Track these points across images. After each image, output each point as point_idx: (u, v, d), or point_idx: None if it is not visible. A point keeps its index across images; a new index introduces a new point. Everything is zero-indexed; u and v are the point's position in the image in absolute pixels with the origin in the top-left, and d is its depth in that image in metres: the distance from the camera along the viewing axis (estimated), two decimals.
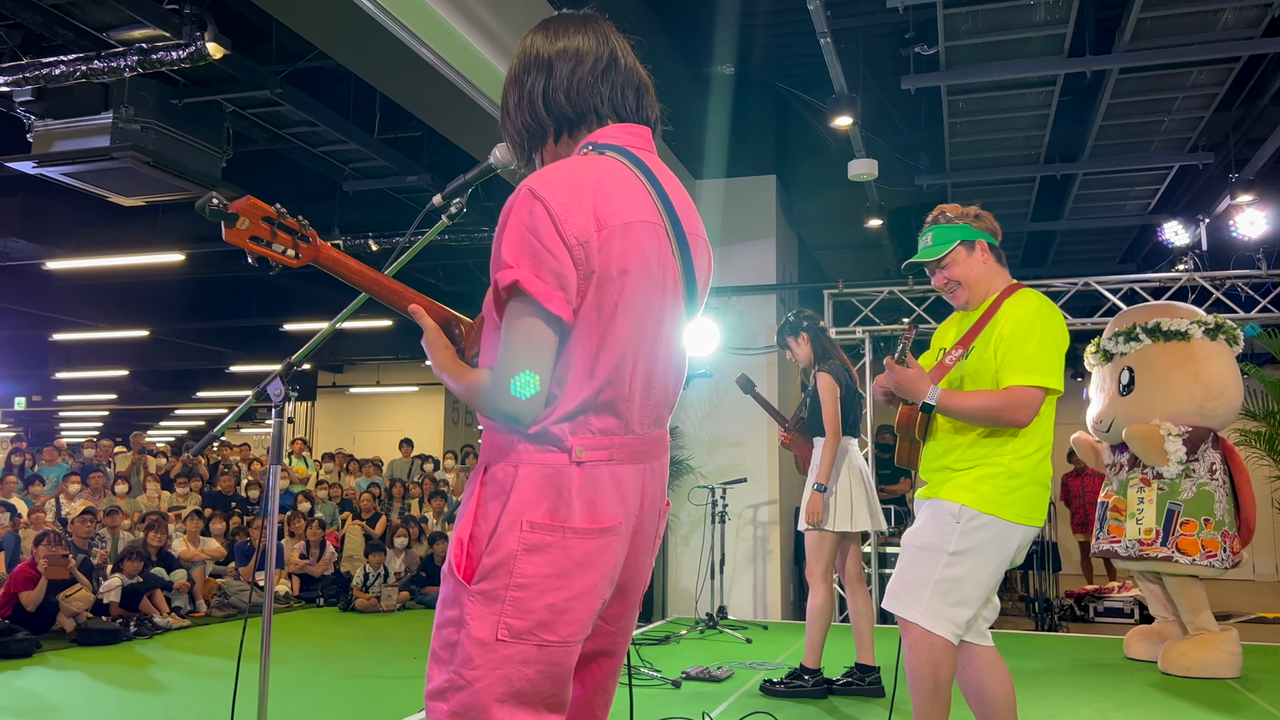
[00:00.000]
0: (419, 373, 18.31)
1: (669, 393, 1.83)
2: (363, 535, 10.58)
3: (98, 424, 28.74)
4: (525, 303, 1.60)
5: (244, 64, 6.24)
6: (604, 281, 1.63)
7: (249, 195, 1.77)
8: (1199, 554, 5.62)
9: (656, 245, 1.73)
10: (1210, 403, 5.87)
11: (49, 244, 9.54)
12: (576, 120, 1.81)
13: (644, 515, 1.77)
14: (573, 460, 1.64)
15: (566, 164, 1.70)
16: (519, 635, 1.59)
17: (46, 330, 15.32)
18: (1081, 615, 9.82)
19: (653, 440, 1.78)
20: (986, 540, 2.87)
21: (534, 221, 1.60)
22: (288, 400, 2.66)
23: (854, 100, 5.92)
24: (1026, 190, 8.39)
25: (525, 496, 1.62)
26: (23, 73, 5.35)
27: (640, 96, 1.86)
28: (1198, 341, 5.98)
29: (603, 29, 1.85)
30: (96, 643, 7.17)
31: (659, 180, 1.80)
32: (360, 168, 8.03)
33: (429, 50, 4.98)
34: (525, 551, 1.60)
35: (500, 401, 1.61)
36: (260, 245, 1.76)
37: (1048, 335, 2.91)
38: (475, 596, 1.61)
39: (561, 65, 1.79)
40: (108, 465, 12.59)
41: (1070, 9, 5.44)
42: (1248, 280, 7.92)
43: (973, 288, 3.12)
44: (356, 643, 7.30)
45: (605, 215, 1.64)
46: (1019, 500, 2.89)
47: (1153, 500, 5.81)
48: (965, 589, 2.87)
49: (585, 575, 1.64)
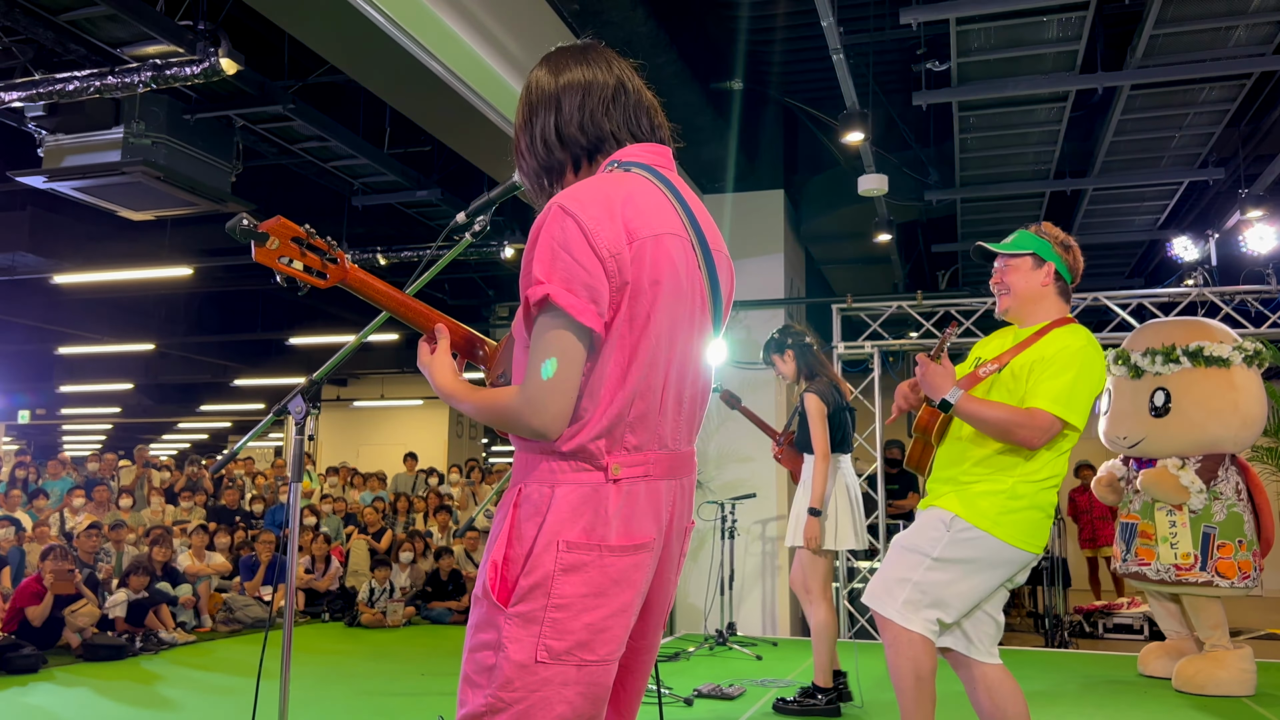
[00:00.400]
0: (424, 386, 18.28)
1: (698, 408, 1.83)
2: (368, 550, 10.55)
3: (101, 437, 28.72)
4: (556, 316, 1.59)
5: (256, 80, 6.25)
6: (636, 293, 1.64)
7: (279, 216, 1.78)
8: (1237, 576, 5.62)
9: (685, 258, 1.74)
10: (1245, 432, 5.90)
11: (57, 258, 9.55)
12: (593, 149, 1.82)
13: (672, 532, 1.77)
14: (609, 478, 1.64)
15: (595, 180, 1.71)
16: (558, 656, 1.59)
17: (52, 344, 15.32)
18: (1091, 631, 9.77)
19: (684, 457, 1.78)
20: (973, 554, 2.87)
21: (565, 236, 1.60)
22: (309, 417, 2.64)
23: (865, 116, 5.92)
24: (1036, 205, 8.39)
25: (561, 516, 1.61)
26: (36, 88, 5.36)
27: (652, 118, 1.87)
28: (1237, 369, 5.94)
29: (604, 56, 1.85)
30: (102, 658, 7.15)
31: (683, 196, 1.81)
32: (370, 183, 8.04)
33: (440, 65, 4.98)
34: (563, 572, 1.59)
35: (529, 417, 1.60)
36: (289, 265, 1.77)
37: (1085, 373, 2.90)
38: (513, 619, 1.59)
39: (569, 99, 1.80)
40: (112, 479, 12.58)
41: (1083, 25, 5.44)
42: (1258, 295, 7.90)
43: (1020, 302, 3.09)
44: (364, 659, 7.27)
45: (636, 228, 1.65)
46: (1016, 522, 2.87)
47: (1186, 524, 5.75)
48: (943, 595, 2.87)
49: (621, 593, 1.64)
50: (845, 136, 6.07)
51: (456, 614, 9.45)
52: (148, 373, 18.02)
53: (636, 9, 5.87)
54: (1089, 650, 8.22)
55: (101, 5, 4.87)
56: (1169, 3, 5.31)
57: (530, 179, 1.89)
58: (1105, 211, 8.58)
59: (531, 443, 1.68)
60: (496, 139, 6.05)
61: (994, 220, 8.71)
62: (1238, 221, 7.79)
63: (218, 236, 10.21)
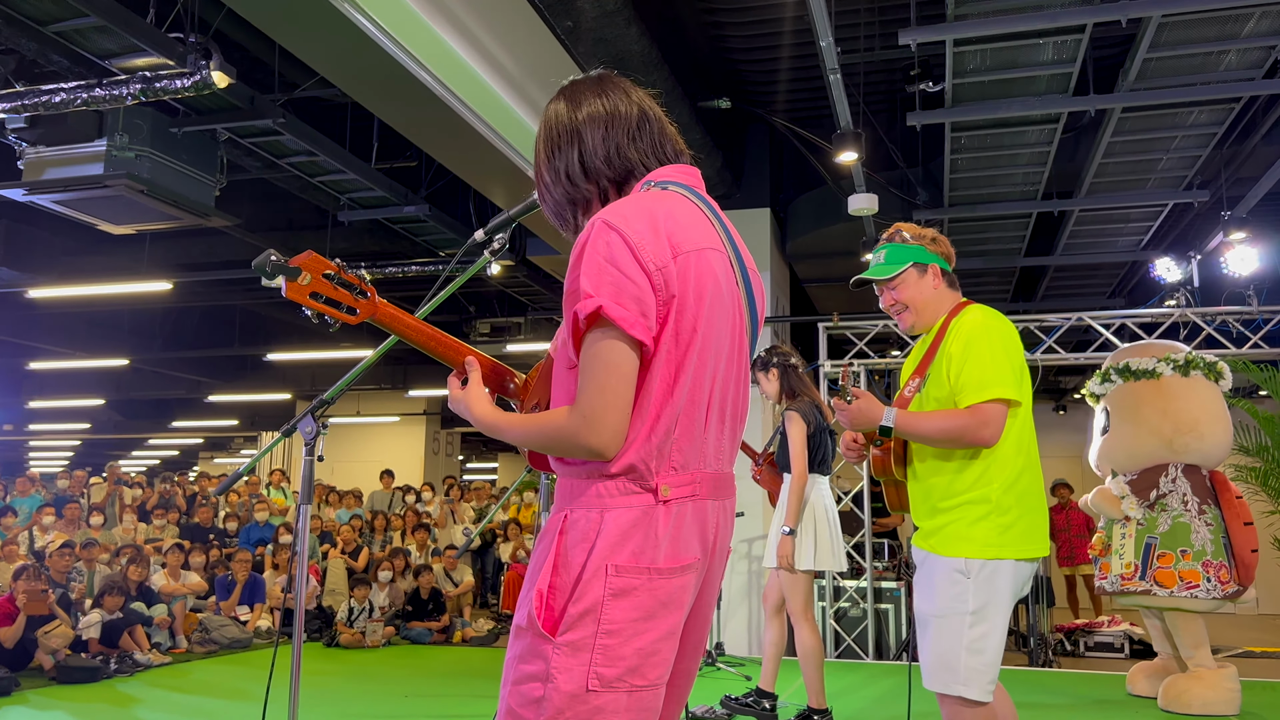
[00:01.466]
0: (400, 403, 18.17)
1: (739, 426, 1.81)
2: (345, 568, 10.41)
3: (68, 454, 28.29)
4: (607, 331, 1.57)
5: (246, 93, 6.18)
6: (682, 307, 1.62)
7: (310, 250, 1.75)
8: (1176, 585, 5.64)
9: (725, 274, 1.73)
10: (1180, 438, 5.87)
11: (32, 271, 9.38)
12: (621, 180, 1.80)
13: (715, 553, 1.73)
14: (659, 499, 1.61)
15: (636, 197, 1.70)
16: (609, 684, 1.55)
17: (23, 359, 15.07)
18: (1072, 650, 9.81)
19: (726, 477, 1.76)
20: (1000, 587, 2.79)
21: (611, 251, 1.59)
22: (319, 436, 2.59)
23: (859, 136, 5.93)
24: (1022, 226, 8.45)
25: (611, 541, 1.58)
26: (22, 100, 5.26)
27: (675, 144, 1.86)
28: (1167, 379, 6.01)
29: (621, 86, 1.84)
30: (77, 680, 6.99)
31: (719, 214, 1.82)
32: (357, 198, 7.97)
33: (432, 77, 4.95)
34: (612, 596, 1.56)
35: (586, 436, 1.57)
36: (320, 302, 1.74)
37: (996, 346, 2.84)
38: (561, 648, 1.55)
39: (591, 132, 1.79)
40: (82, 496, 12.35)
41: (1079, 48, 5.48)
42: (1238, 316, 7.98)
43: (920, 312, 3.05)
44: (345, 680, 7.15)
45: (679, 242, 1.64)
46: (1017, 537, 2.81)
47: (1132, 535, 5.87)
48: (991, 642, 2.79)
49: (669, 615, 1.61)
50: (838, 156, 6.08)
51: (437, 634, 9.34)
52: (119, 388, 17.78)
53: (630, 27, 5.85)
54: (1072, 669, 8.23)
55: (92, 17, 4.79)
56: (1163, 27, 5.37)
57: (554, 213, 1.87)
58: (1090, 232, 8.65)
59: (577, 466, 1.65)
60: (487, 154, 6.01)
61: (980, 240, 8.76)
62: (1220, 243, 7.87)
63: (196, 250, 10.08)
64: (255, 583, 9.59)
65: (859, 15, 6.62)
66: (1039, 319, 8.23)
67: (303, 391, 17.83)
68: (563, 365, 1.70)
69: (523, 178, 6.33)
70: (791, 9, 6.64)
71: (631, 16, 5.86)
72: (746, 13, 6.78)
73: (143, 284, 9.79)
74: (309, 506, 2.55)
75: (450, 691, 6.77)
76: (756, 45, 7.27)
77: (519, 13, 5.79)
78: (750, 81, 7.86)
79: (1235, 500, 5.91)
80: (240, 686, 7.02)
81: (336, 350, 13.86)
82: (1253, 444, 8.20)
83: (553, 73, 6.17)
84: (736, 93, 7.86)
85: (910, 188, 8.03)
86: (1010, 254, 9.08)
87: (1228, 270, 7.85)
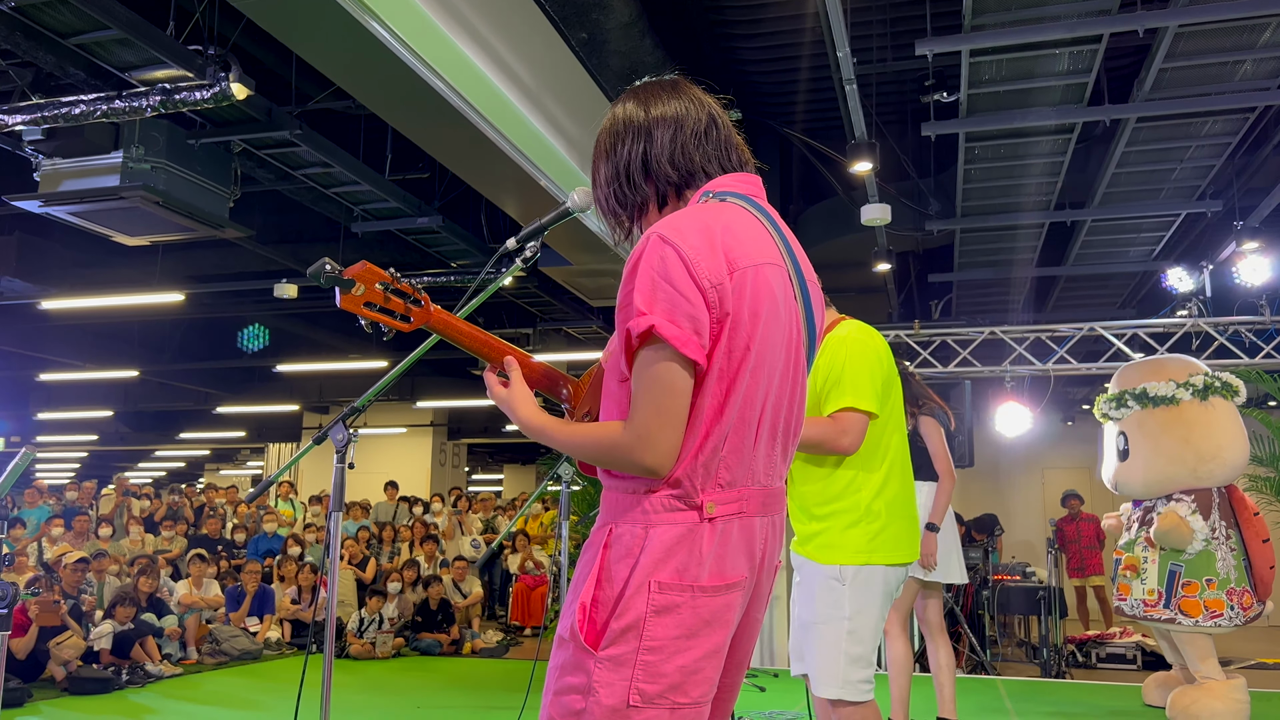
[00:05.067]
0: (407, 414, 18.16)
1: (792, 441, 1.79)
2: (354, 580, 10.39)
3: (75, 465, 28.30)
4: (660, 349, 1.56)
5: (263, 105, 6.20)
6: (736, 324, 1.60)
7: (364, 261, 1.76)
8: (1202, 615, 5.63)
9: (783, 289, 1.71)
10: (1204, 466, 5.87)
11: (45, 283, 9.40)
12: (682, 184, 1.79)
13: (764, 570, 1.72)
14: (704, 517, 1.59)
15: (692, 210, 1.68)
16: (651, 700, 1.54)
17: (33, 370, 15.09)
18: (1084, 661, 9.77)
19: (777, 493, 1.74)
20: (873, 591, 2.95)
21: (665, 267, 1.57)
22: (350, 444, 2.59)
23: (874, 146, 5.94)
24: (1035, 236, 8.44)
25: (655, 557, 1.57)
26: (41, 111, 5.27)
27: (740, 152, 1.85)
28: (1187, 404, 5.98)
29: (693, 92, 1.84)
30: (89, 691, 6.99)
31: (779, 226, 1.80)
32: (371, 209, 7.98)
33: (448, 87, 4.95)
34: (655, 613, 1.55)
35: (640, 454, 1.56)
36: (374, 311, 1.75)
37: (854, 359, 2.98)
38: (603, 662, 1.55)
39: (661, 131, 1.77)
40: (90, 508, 12.35)
41: (1095, 58, 5.49)
42: (1251, 326, 7.97)
43: None
44: (356, 692, 7.13)
45: (736, 258, 1.62)
46: (885, 542, 2.96)
47: (1155, 560, 5.83)
48: (865, 645, 2.95)
49: (714, 634, 1.59)
50: (853, 166, 6.08)
51: (447, 645, 9.32)
52: (127, 400, 17.79)
53: (645, 39, 5.87)
54: (1084, 680, 8.19)
55: (113, 29, 4.81)
56: (1179, 37, 5.37)
57: (608, 214, 1.85)
58: (1102, 243, 8.64)
59: (623, 480, 1.64)
60: (501, 165, 6.01)
61: (993, 250, 8.75)
62: (1232, 253, 7.86)
63: (207, 262, 10.09)
64: (264, 594, 9.58)
65: (871, 26, 6.64)
66: (1050, 329, 8.22)
67: (310, 403, 17.83)
68: (614, 377, 1.69)
69: (536, 189, 6.33)
70: (804, 20, 6.66)
71: (646, 28, 5.88)
72: (758, 24, 6.80)
73: (155, 295, 9.80)
74: (340, 514, 2.55)
75: (461, 703, 6.76)
76: (768, 57, 7.29)
77: (535, 24, 5.81)
78: (761, 93, 7.88)
79: (1253, 518, 5.89)
80: (252, 698, 7.01)
81: (345, 361, 13.86)
82: (1266, 454, 8.18)
83: (568, 84, 6.18)
84: (747, 104, 7.87)
85: (922, 198, 8.04)
86: (1022, 264, 9.07)
87: (1240, 280, 7.84)
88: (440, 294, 10.72)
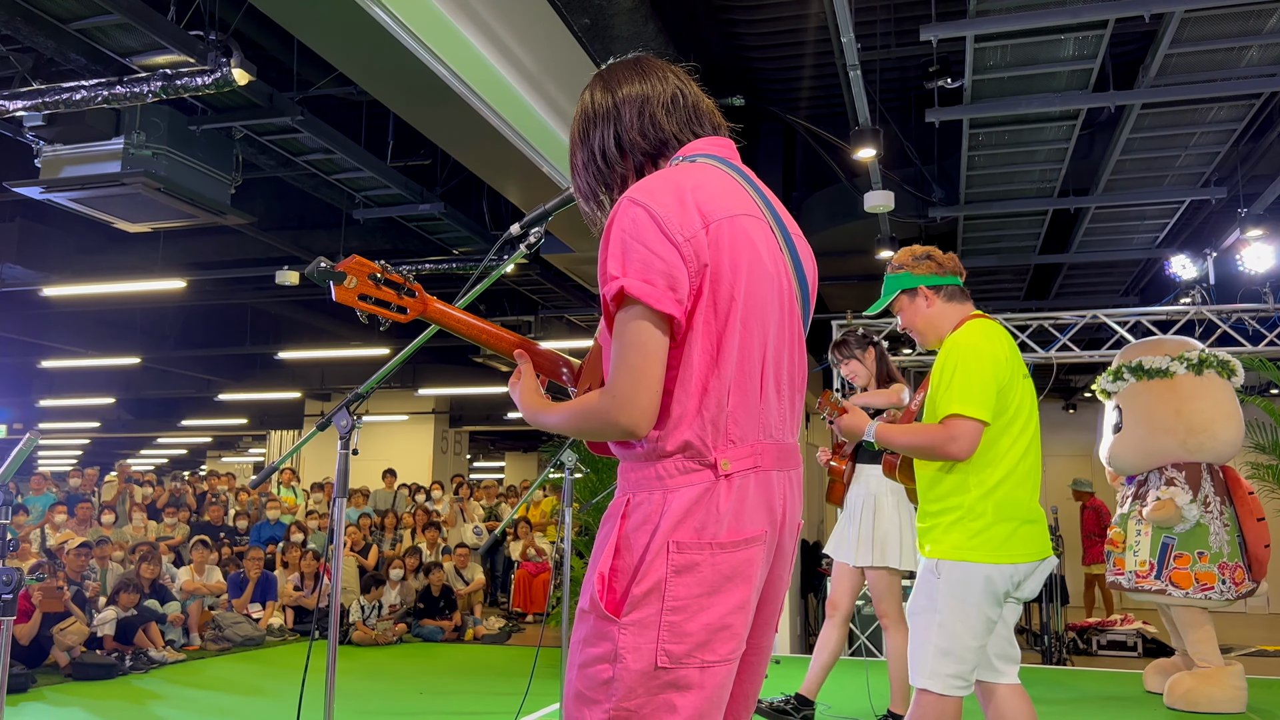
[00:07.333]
0: (408, 402, 18.17)
1: (799, 395, 1.78)
2: (356, 566, 10.41)
3: (77, 452, 28.34)
4: (633, 309, 1.56)
5: (265, 91, 6.18)
6: (717, 276, 1.60)
7: (355, 254, 1.79)
8: (1192, 587, 5.67)
9: (765, 240, 1.70)
10: (1194, 438, 5.88)
11: (46, 270, 9.39)
12: (655, 153, 1.79)
13: (785, 526, 1.71)
14: (719, 474, 1.59)
15: (662, 172, 1.69)
16: (679, 660, 1.54)
17: (35, 357, 15.09)
18: (1085, 648, 9.81)
19: (790, 448, 1.73)
20: (967, 589, 2.92)
21: (636, 228, 1.57)
22: (354, 430, 2.59)
23: (877, 133, 5.91)
24: (1037, 224, 8.42)
25: (674, 520, 1.57)
26: (42, 97, 5.25)
27: (712, 119, 1.85)
28: (1181, 378, 6.00)
29: (658, 68, 1.84)
30: (92, 677, 7.01)
31: (754, 182, 1.79)
32: (372, 196, 7.96)
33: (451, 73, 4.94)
34: (675, 573, 1.55)
35: (616, 415, 1.56)
36: (369, 303, 1.78)
37: (968, 365, 2.96)
38: (628, 628, 1.55)
39: (628, 110, 1.78)
40: (93, 495, 12.37)
41: (1100, 44, 5.46)
42: (1254, 314, 7.95)
43: (923, 332, 3.24)
44: (360, 678, 7.15)
45: (709, 210, 1.62)
46: (987, 541, 2.91)
47: (1148, 533, 5.86)
48: (959, 641, 2.92)
49: (736, 589, 1.59)
50: (857, 153, 6.06)
51: (449, 632, 9.34)
52: (129, 387, 17.79)
53: (648, 24, 5.85)
54: (1085, 667, 8.21)
55: (115, 14, 4.79)
56: (1185, 22, 5.35)
57: (587, 198, 1.86)
58: (1106, 230, 8.62)
59: (635, 449, 1.64)
60: (504, 151, 6.01)
61: (995, 238, 8.74)
62: (1236, 240, 7.84)
63: (210, 249, 10.08)
64: (267, 580, 9.61)
65: (875, 12, 6.60)
66: (1053, 317, 8.21)
67: (312, 390, 17.83)
68: (606, 350, 1.69)
69: (539, 175, 6.32)
70: (808, 6, 6.63)
71: (649, 13, 5.86)
72: (762, 9, 6.77)
73: (157, 282, 9.79)
74: (344, 500, 2.55)
75: (464, 689, 6.78)
76: (771, 42, 7.25)
77: (537, 10, 5.79)
78: (764, 79, 7.85)
79: (1247, 496, 5.92)
80: (255, 684, 7.03)
81: (347, 348, 13.85)
82: (1268, 441, 8.18)
83: (570, 70, 6.16)
84: (750, 90, 7.84)
85: (925, 185, 8.02)
86: (1025, 251, 9.05)
87: (1243, 268, 7.83)
88: (442, 281, 10.71)
